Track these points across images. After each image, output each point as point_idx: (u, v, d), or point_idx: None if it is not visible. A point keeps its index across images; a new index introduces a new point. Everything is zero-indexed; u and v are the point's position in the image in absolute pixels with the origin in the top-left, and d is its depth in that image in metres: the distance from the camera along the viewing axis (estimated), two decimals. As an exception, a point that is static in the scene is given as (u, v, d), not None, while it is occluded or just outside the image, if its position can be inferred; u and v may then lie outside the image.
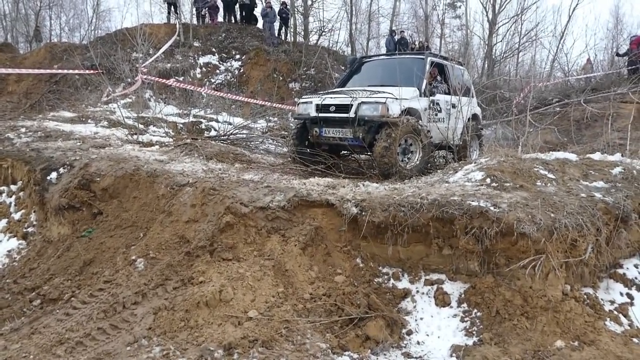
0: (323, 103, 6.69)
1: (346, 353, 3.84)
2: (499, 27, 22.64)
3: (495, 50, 22.91)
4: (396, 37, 20.87)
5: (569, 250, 4.37)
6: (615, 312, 4.41)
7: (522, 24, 22.69)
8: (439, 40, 26.80)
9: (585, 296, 4.43)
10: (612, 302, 4.55)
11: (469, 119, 7.69)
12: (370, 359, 3.84)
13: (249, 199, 4.99)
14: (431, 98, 7.04)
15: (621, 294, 4.67)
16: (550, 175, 5.45)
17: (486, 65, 22.63)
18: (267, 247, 4.67)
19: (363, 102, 6.36)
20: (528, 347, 3.94)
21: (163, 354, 3.56)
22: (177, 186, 5.41)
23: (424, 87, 6.96)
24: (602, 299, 4.53)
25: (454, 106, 7.35)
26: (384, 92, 6.49)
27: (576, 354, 3.87)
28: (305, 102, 7.07)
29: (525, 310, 4.18)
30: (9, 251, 5.81)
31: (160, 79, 13.84)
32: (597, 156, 6.42)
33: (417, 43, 21.81)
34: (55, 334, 3.93)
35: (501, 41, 23.12)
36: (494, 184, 5.14)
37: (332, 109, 6.61)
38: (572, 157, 6.17)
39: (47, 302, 4.59)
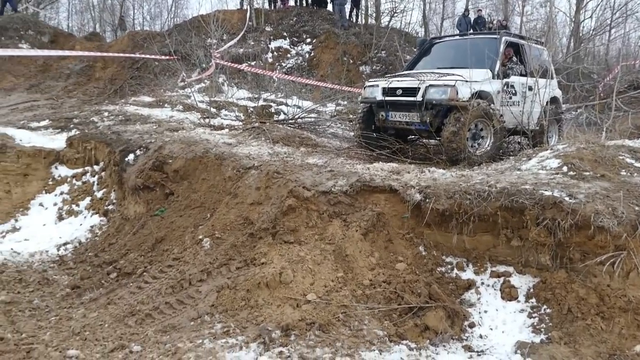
0: (389, 86, 6.55)
1: (404, 342, 3.77)
2: (587, 2, 20.97)
3: (583, 27, 21.29)
4: (472, 17, 19.99)
5: (655, 247, 4.00)
6: None
7: (614, -2, 20.81)
8: (520, 19, 25.34)
9: (673, 298, 4.06)
10: None
11: (547, 103, 7.23)
12: (428, 349, 3.74)
13: (312, 183, 5.01)
14: (505, 80, 6.68)
15: None
16: (638, 164, 5.01)
17: (572, 44, 21.13)
18: (328, 232, 4.67)
19: (431, 85, 6.15)
20: (602, 349, 3.68)
21: (223, 331, 3.67)
22: (243, 169, 5.53)
23: (497, 68, 6.62)
24: (693, 302, 4.13)
25: (530, 88, 6.93)
26: (453, 75, 6.24)
27: (657, 360, 3.57)
28: (372, 86, 6.96)
29: (601, 310, 3.89)
30: (91, 227, 6.24)
31: (233, 64, 14.17)
32: (693, 144, 5.82)
33: (494, 22, 20.74)
34: (128, 306, 4.18)
35: (590, 17, 21.44)
36: (571, 173, 4.81)
37: (399, 92, 6.45)
38: (665, 144, 5.64)
39: (123, 275, 4.88)
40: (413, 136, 7.33)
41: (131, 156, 6.54)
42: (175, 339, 3.57)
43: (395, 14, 21.17)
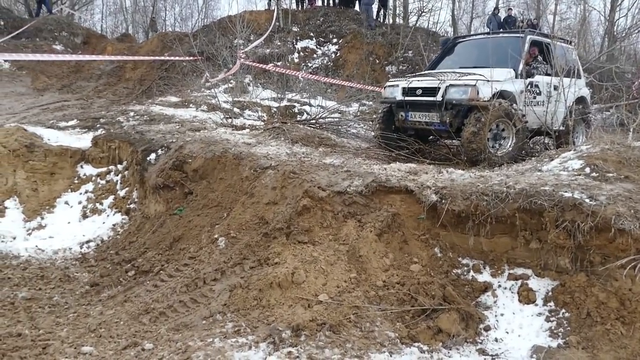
0: (409, 86, 6.49)
1: (415, 344, 3.73)
2: (622, 0, 20.33)
3: (617, 26, 20.65)
4: (502, 16, 19.62)
5: (679, 251, 3.84)
6: None
7: (651, -4, 20.10)
8: (553, 17, 24.73)
9: (698, 304, 3.89)
10: None
11: (573, 103, 7.03)
12: (440, 352, 3.69)
13: (327, 183, 5.00)
14: (529, 80, 6.52)
15: None
16: (664, 166, 4.83)
17: (606, 43, 20.50)
18: (343, 232, 4.65)
19: (451, 85, 6.07)
20: (622, 355, 3.56)
21: (234, 330, 3.70)
22: (260, 169, 5.56)
23: (520, 68, 6.47)
24: None
25: (555, 88, 6.75)
26: (474, 74, 6.13)
27: (679, 368, 3.43)
28: (392, 86, 6.91)
29: (622, 314, 3.77)
30: (114, 225, 6.37)
31: (258, 64, 14.27)
32: None
33: (525, 21, 20.31)
34: (143, 304, 4.25)
35: (625, 15, 20.77)
36: (593, 174, 4.67)
37: (419, 92, 6.39)
38: (695, 145, 5.42)
39: (140, 273, 4.97)
40: (433, 137, 7.24)
41: (153, 155, 6.65)
42: (186, 337, 3.62)
43: (423, 14, 20.97)
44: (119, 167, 7.23)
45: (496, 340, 3.97)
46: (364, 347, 3.56)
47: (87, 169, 7.26)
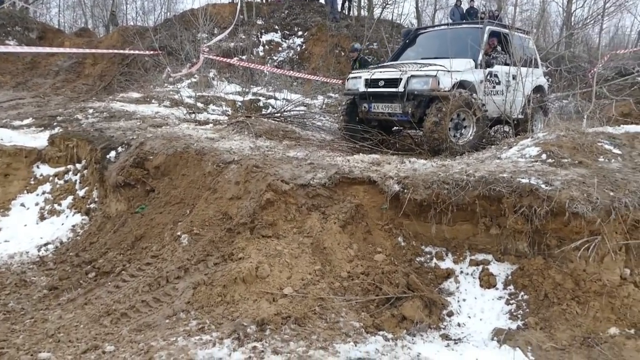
0: (372, 77, 6.52)
1: (380, 332, 3.76)
2: (579, -8, 20.91)
3: (575, 17, 21.22)
4: (465, 7, 19.86)
5: (630, 232, 3.99)
6: (684, 300, 4.00)
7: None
8: (513, 9, 25.18)
9: (648, 281, 4.06)
10: (682, 288, 4.14)
11: (531, 91, 7.20)
12: (405, 339, 3.74)
13: (291, 176, 4.98)
14: (488, 70, 6.64)
15: (693, 279, 4.23)
16: (616, 151, 5.01)
17: (564, 34, 21.05)
18: (307, 225, 4.65)
19: (413, 76, 6.12)
20: (577, 333, 3.69)
21: (198, 328, 3.65)
22: (223, 164, 5.50)
23: (480, 58, 6.57)
24: (669, 285, 4.13)
25: (514, 78, 6.89)
26: (435, 65, 6.20)
27: (631, 342, 3.57)
28: (355, 77, 6.92)
29: (577, 294, 3.91)
30: (73, 226, 6.19)
31: (222, 58, 14.09)
32: (675, 129, 5.81)
33: (486, 13, 20.61)
34: (104, 305, 4.16)
35: (581, 7, 21.38)
36: (549, 160, 4.80)
37: (381, 83, 6.42)
38: (645, 130, 5.63)
39: (101, 274, 4.85)
40: (396, 127, 7.30)
41: (113, 153, 6.49)
42: (149, 337, 3.55)
43: (387, 5, 21.08)
44: (78, 166, 7.03)
45: (459, 325, 4.05)
46: (329, 338, 3.58)
47: (44, 169, 7.03)
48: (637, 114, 9.23)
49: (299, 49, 18.68)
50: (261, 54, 18.19)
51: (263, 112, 10.31)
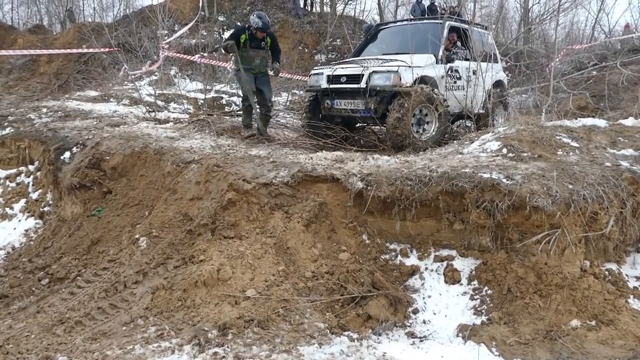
0: (334, 74, 6.46)
1: (345, 333, 3.71)
2: (535, -12, 21.41)
3: (532, 13, 21.72)
4: (426, 4, 20.05)
5: (589, 224, 4.07)
6: (641, 289, 4.11)
7: (561, -16, 21.27)
8: (473, 4, 25.61)
9: (606, 272, 4.15)
10: (639, 278, 4.25)
11: (491, 86, 7.28)
12: (370, 339, 3.69)
13: (253, 175, 4.87)
14: (449, 65, 6.67)
15: (649, 269, 4.35)
16: (574, 144, 5.09)
17: (522, 29, 21.52)
18: (270, 224, 4.55)
19: (374, 72, 6.08)
20: (540, 326, 3.73)
21: (157, 334, 3.52)
22: (183, 163, 5.34)
23: (440, 53, 6.59)
24: (626, 275, 4.24)
25: (474, 73, 6.95)
26: (396, 61, 6.18)
27: (592, 334, 3.63)
28: (317, 74, 6.84)
29: (539, 288, 3.95)
30: (26, 230, 5.93)
31: (183, 55, 13.77)
32: (629, 122, 5.97)
33: (447, 8, 20.88)
34: (58, 313, 3.97)
35: (538, 2, 21.90)
36: (510, 155, 4.85)
37: (343, 79, 6.36)
38: (601, 123, 5.76)
39: (55, 281, 4.65)
40: (360, 124, 7.27)
41: (67, 154, 6.23)
42: (104, 346, 3.40)
43: (350, 2, 21.08)
44: (30, 167, 6.73)
45: (424, 322, 4.04)
46: (293, 340, 3.50)
47: (-6, 172, 6.71)
48: (592, 107, 9.51)
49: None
50: (224, 50, 17.90)
51: (225, 110, 10.12)
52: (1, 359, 3.36)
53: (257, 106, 6.84)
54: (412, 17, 19.30)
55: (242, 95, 6.96)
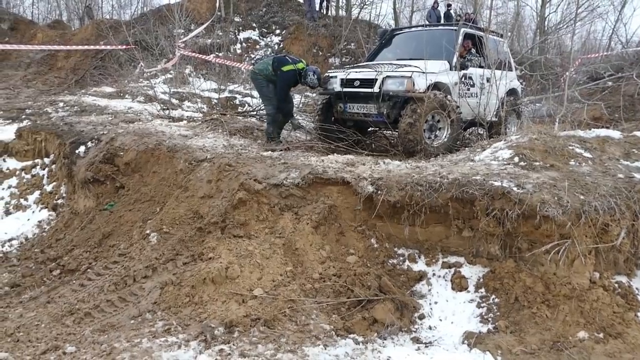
0: (347, 77, 6.48)
1: (351, 336, 3.72)
2: (552, -3, 21.29)
3: (548, 21, 21.60)
4: (442, 10, 20.03)
5: (599, 236, 4.04)
6: (651, 303, 4.06)
7: (579, -7, 21.14)
8: (489, 12, 25.50)
9: (616, 285, 4.11)
10: (649, 292, 4.21)
11: (505, 94, 7.26)
12: (375, 343, 3.70)
13: (264, 175, 4.91)
14: (463, 72, 6.66)
15: (659, 282, 4.30)
16: (587, 154, 5.06)
17: (537, 38, 21.39)
18: (279, 225, 4.58)
19: (388, 77, 6.10)
20: (547, 337, 3.71)
21: (164, 329, 3.56)
22: (196, 161, 5.39)
23: (454, 60, 6.59)
24: (637, 288, 4.19)
25: (488, 80, 6.94)
26: (410, 66, 6.19)
27: (599, 347, 3.61)
28: (330, 77, 6.87)
29: (547, 298, 3.93)
30: (39, 222, 6.02)
31: (199, 54, 13.88)
32: (644, 133, 5.92)
33: (463, 15, 20.83)
34: (68, 304, 4.02)
35: (554, 11, 21.78)
36: (522, 163, 4.83)
37: (357, 83, 6.38)
38: (615, 134, 5.72)
39: (66, 272, 4.71)
40: (372, 128, 7.28)
41: (82, 148, 6.32)
42: (112, 338, 3.45)
43: (365, 6, 21.12)
44: (46, 160, 6.84)
45: (430, 328, 4.04)
46: (298, 341, 3.52)
47: (10, 163, 6.83)
48: (607, 118, 9.44)
49: (276, 47, 18.54)
50: (238, 51, 18.00)
51: (239, 110, 10.18)
52: (11, 346, 3.42)
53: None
54: (427, 22, 19.34)
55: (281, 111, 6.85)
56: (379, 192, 4.62)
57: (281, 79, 6.47)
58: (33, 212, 6.22)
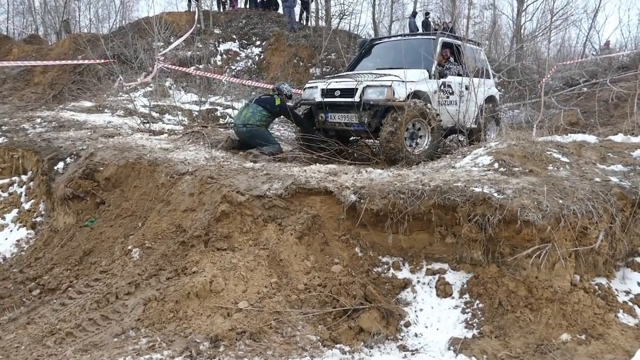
0: (328, 87, 6.51)
1: (337, 345, 3.72)
2: (527, 6, 21.79)
3: (524, 29, 22.05)
4: (420, 19, 20.33)
5: (579, 239, 4.11)
6: (630, 304, 4.14)
7: (553, 1, 21.66)
8: (466, 21, 25.95)
9: (596, 287, 4.18)
10: (628, 293, 4.28)
11: (483, 101, 7.37)
12: (362, 352, 3.71)
13: (246, 187, 4.90)
14: (442, 80, 6.75)
15: (638, 283, 4.38)
16: (564, 159, 5.16)
17: (514, 45, 21.81)
18: (263, 237, 4.57)
19: (368, 86, 6.14)
20: (530, 340, 3.75)
21: (149, 346, 3.51)
22: (177, 175, 5.36)
23: (433, 69, 6.68)
24: (616, 290, 4.27)
25: (467, 88, 7.04)
26: (390, 75, 6.26)
27: (582, 348, 3.66)
28: (311, 87, 6.90)
29: (530, 301, 3.98)
30: (18, 241, 5.90)
31: (179, 67, 13.84)
32: (619, 138, 6.06)
33: (441, 24, 21.15)
34: (48, 325, 3.95)
35: (530, 20, 22.26)
36: (501, 169, 4.90)
37: (337, 93, 6.42)
38: (591, 139, 5.84)
39: (46, 291, 4.63)
40: (353, 137, 7.32)
41: (61, 164, 6.23)
42: (95, 357, 3.39)
43: (344, 16, 21.32)
44: (24, 177, 6.72)
45: (416, 335, 4.05)
46: (285, 353, 3.51)
47: (-14, 182, 6.68)
48: (583, 123, 9.63)
49: (257, 58, 18.58)
50: (219, 63, 17.99)
51: (220, 122, 10.16)
52: (-10, 370, 3.34)
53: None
54: (409, 31, 19.60)
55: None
56: (362, 200, 4.64)
57: (284, 110, 6.98)
58: (11, 231, 6.10)
